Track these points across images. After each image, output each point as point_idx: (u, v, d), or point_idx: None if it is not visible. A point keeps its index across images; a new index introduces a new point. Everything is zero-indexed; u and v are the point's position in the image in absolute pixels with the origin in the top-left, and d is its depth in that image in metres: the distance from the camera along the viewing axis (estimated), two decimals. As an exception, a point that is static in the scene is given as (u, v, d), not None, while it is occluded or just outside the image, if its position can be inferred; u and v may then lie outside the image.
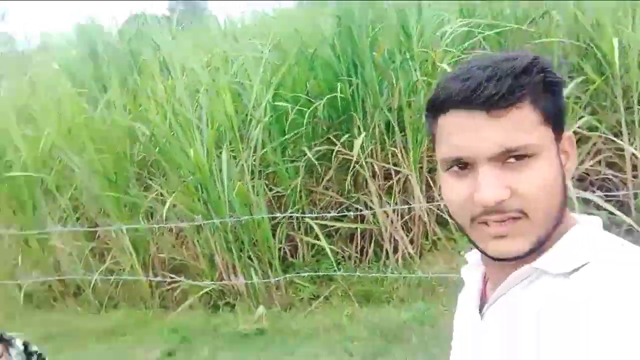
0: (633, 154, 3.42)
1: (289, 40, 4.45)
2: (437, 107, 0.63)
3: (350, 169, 3.96)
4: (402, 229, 3.91)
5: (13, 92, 5.17)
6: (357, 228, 4.05)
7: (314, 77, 4.37)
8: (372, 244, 4.01)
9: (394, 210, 3.86)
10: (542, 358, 0.56)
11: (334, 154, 4.02)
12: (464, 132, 0.60)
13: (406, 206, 3.87)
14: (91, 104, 4.43)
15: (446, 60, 4.04)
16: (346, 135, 4.09)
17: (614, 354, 0.50)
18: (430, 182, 4.16)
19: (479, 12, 4.59)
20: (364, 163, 3.90)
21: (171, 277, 4.10)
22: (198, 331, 3.74)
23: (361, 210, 3.93)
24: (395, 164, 4.05)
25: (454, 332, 0.82)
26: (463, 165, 0.61)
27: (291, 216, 4.00)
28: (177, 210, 4.20)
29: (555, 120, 0.62)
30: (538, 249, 0.61)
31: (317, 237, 3.89)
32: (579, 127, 3.50)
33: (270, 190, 4.33)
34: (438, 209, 3.93)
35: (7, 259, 5.01)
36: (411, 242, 3.92)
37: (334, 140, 4.10)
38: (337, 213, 3.92)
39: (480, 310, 0.70)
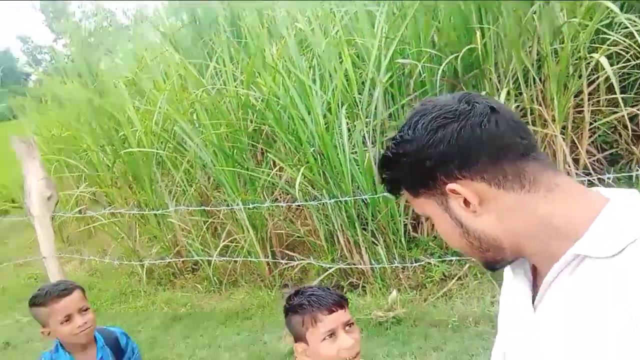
0: None
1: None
2: None
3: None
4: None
5: (121, 65, 5.26)
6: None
7: (437, 28, 3.87)
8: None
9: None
10: (598, 345, 0.58)
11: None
12: None
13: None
14: (199, 74, 4.34)
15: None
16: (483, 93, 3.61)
17: None
18: (577, 143, 3.57)
19: None
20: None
21: (293, 257, 3.98)
22: (326, 316, 3.59)
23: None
24: (533, 123, 3.52)
25: (500, 327, 0.85)
26: None
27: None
28: (293, 182, 4.05)
29: (418, 186, 0.74)
30: (497, 264, 0.75)
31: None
32: None
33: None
34: (585, 172, 3.36)
35: (128, 235, 5.24)
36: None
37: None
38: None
39: (533, 302, 0.73)
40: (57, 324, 1.76)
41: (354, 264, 3.78)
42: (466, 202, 0.69)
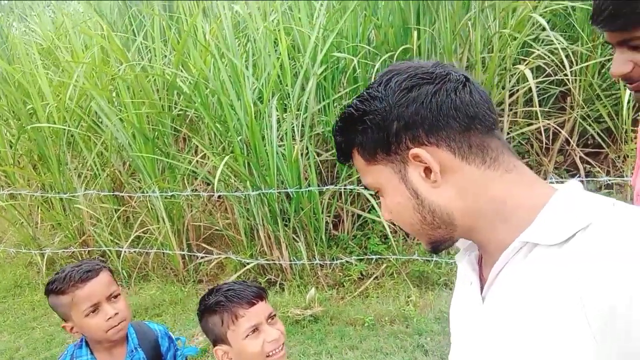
0: None
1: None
2: None
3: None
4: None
5: (37, 32, 4.93)
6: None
7: (376, 25, 3.98)
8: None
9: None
10: (548, 332, 0.59)
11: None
12: None
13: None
14: (124, 48, 4.15)
15: (539, 11, 3.61)
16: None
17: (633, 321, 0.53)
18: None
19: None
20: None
21: (211, 251, 3.88)
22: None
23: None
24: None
25: (451, 322, 0.85)
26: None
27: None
28: (216, 172, 3.95)
29: (378, 150, 0.71)
30: (443, 244, 0.74)
31: (363, 208, 3.58)
32: None
33: (318, 155, 4.03)
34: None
35: (28, 220, 4.88)
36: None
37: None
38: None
39: (481, 292, 0.74)
40: (82, 317, 1.42)
41: (273, 260, 3.75)
42: (426, 172, 0.69)
